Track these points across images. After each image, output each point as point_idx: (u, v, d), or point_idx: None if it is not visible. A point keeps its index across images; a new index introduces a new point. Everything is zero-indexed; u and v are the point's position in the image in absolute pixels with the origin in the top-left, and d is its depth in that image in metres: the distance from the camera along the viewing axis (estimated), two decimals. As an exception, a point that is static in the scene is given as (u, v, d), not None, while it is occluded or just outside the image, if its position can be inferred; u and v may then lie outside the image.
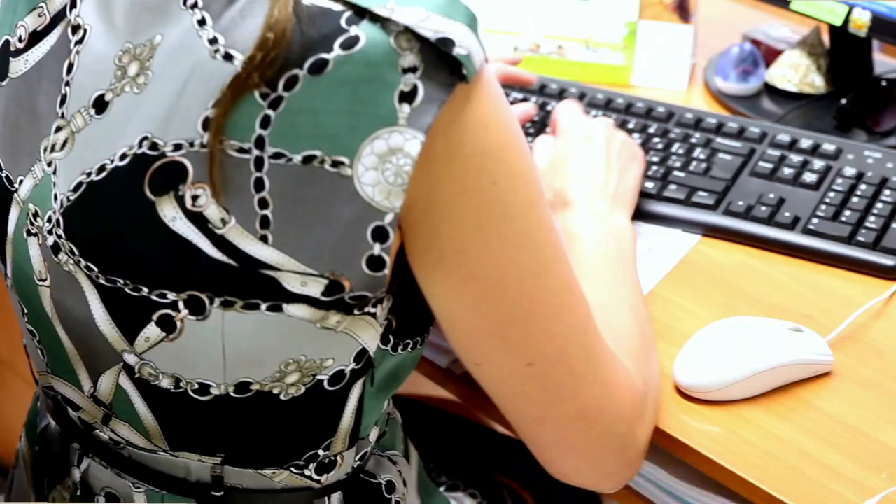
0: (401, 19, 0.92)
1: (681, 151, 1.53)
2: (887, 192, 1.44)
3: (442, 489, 1.36)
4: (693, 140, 1.54)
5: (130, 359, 1.02)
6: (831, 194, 1.45)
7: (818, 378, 1.24)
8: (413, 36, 0.92)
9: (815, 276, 1.39)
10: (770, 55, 1.74)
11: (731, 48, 1.71)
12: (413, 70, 0.92)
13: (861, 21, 1.59)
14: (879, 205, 1.43)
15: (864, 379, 1.24)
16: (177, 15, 0.96)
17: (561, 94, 1.62)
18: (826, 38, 1.70)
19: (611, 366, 1.06)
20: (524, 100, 1.62)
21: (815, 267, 1.40)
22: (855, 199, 1.44)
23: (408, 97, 0.92)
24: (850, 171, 1.47)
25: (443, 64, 0.92)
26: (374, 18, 0.92)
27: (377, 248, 0.95)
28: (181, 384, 1.02)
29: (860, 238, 1.40)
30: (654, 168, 1.50)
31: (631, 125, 1.57)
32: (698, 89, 1.75)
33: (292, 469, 1.07)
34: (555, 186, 1.33)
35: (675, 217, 1.46)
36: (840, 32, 1.63)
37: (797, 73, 1.69)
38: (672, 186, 1.48)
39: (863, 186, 1.45)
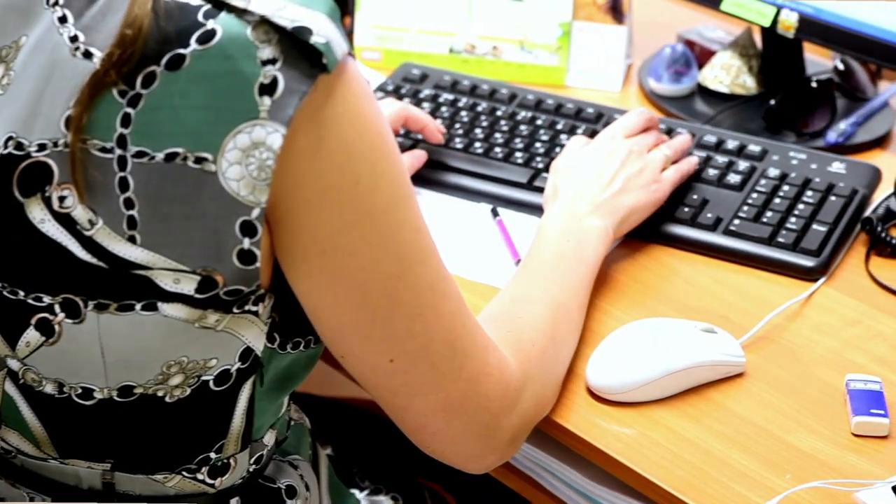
0: (257, 9, 0.91)
1: (608, 152, 1.53)
2: (809, 193, 1.45)
3: (365, 493, 1.36)
4: (620, 141, 1.54)
5: (14, 364, 1.02)
6: (754, 195, 1.45)
7: (731, 379, 1.24)
8: (271, 27, 0.91)
9: (736, 277, 1.39)
10: (704, 56, 1.74)
11: (663, 49, 1.72)
12: (272, 62, 0.91)
13: (789, 22, 1.60)
14: (801, 206, 1.43)
15: (777, 380, 1.25)
16: (40, 15, 0.96)
17: (492, 95, 1.62)
18: (758, 39, 1.71)
19: (480, 360, 1.07)
20: (455, 101, 1.62)
21: (736, 268, 1.40)
22: (777, 201, 1.44)
23: (268, 89, 0.91)
24: (773, 172, 1.48)
25: (303, 55, 0.92)
26: (231, 10, 0.92)
27: (247, 243, 0.95)
28: (64, 389, 1.02)
29: (780, 239, 1.40)
30: (580, 169, 1.50)
31: (560, 126, 1.57)
32: (633, 90, 1.76)
33: (184, 473, 1.07)
34: (557, 182, 1.38)
35: (600, 218, 1.46)
36: (771, 33, 1.64)
37: (729, 74, 1.70)
38: (597, 188, 1.48)
39: (786, 188, 1.46)
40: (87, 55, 0.93)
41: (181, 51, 0.91)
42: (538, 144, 1.55)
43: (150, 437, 1.04)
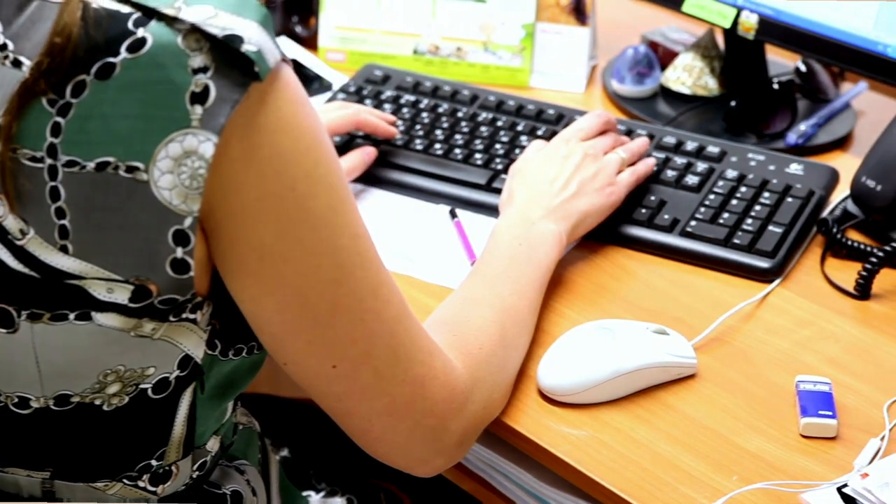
0: (188, 17, 0.91)
1: (567, 154, 1.53)
2: (766, 194, 1.45)
3: (321, 494, 1.36)
4: (580, 142, 1.54)
5: None
6: (711, 197, 1.46)
7: (682, 381, 1.24)
8: (202, 35, 0.91)
9: (692, 278, 1.39)
10: (668, 57, 1.75)
11: (626, 50, 1.72)
12: (204, 70, 0.91)
13: (749, 24, 1.60)
14: (758, 207, 1.44)
15: (728, 382, 1.25)
16: None
17: (453, 96, 1.62)
18: (721, 41, 1.71)
19: (425, 364, 1.07)
20: (416, 102, 1.62)
21: (692, 269, 1.41)
22: (734, 202, 1.44)
23: (200, 98, 0.91)
24: (731, 173, 1.48)
25: (235, 63, 0.92)
26: (162, 19, 0.91)
27: (180, 252, 0.95)
28: (1, 398, 1.02)
29: (736, 241, 1.40)
30: (539, 171, 1.51)
31: (520, 127, 1.57)
32: (597, 91, 1.76)
33: (125, 481, 1.07)
34: (512, 186, 1.38)
35: (557, 220, 1.46)
36: (732, 35, 1.64)
37: (691, 75, 1.70)
38: (555, 189, 1.48)
39: (743, 189, 1.46)
40: (17, 64, 0.93)
41: (111, 59, 0.91)
42: (498, 146, 1.55)
43: (89, 445, 1.04)
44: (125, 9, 0.92)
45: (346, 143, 1.53)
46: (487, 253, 1.29)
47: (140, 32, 0.91)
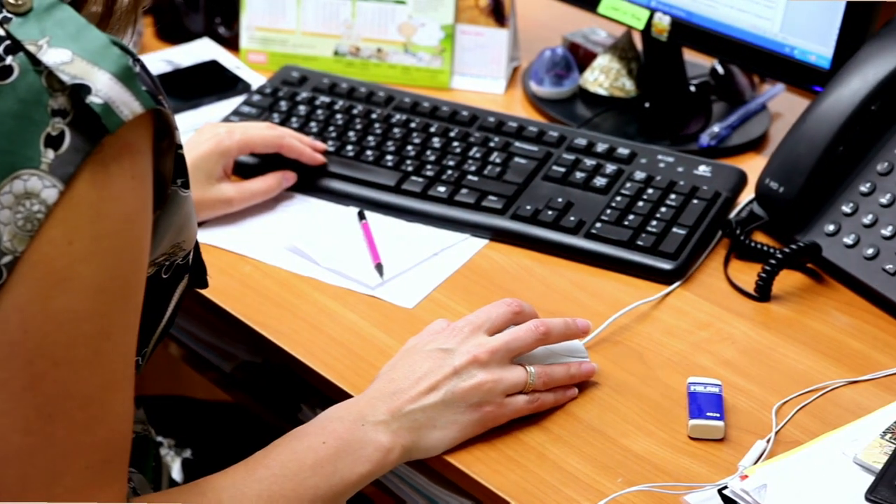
0: (45, 59, 0.90)
1: (478, 156, 1.53)
2: (673, 196, 1.45)
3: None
4: (492, 144, 1.54)
5: None
6: (618, 198, 1.46)
7: (580, 383, 1.24)
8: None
9: (595, 280, 1.39)
10: (588, 59, 1.75)
11: (544, 52, 1.72)
12: (63, 114, 0.90)
13: (662, 25, 1.60)
14: (663, 209, 1.44)
15: (621, 384, 1.25)
16: None
17: (369, 98, 1.62)
18: (640, 42, 1.71)
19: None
20: (331, 104, 1.61)
21: (597, 272, 1.41)
22: (640, 204, 1.45)
23: (54, 142, 0.90)
24: (640, 175, 1.48)
25: (93, 113, 0.90)
26: (28, 54, 0.90)
27: None
28: None
29: (640, 242, 1.40)
30: (449, 173, 1.50)
31: (433, 129, 1.57)
32: (518, 93, 1.76)
33: None
34: (382, 370, 1.20)
35: (465, 221, 1.46)
36: (649, 36, 1.64)
37: (608, 77, 1.70)
38: (464, 191, 1.48)
39: (650, 191, 1.46)
40: None
41: None
42: (410, 148, 1.55)
43: None
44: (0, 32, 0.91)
45: (268, 161, 1.52)
46: (290, 438, 1.12)
47: (8, 60, 0.90)
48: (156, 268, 1.07)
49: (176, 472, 1.43)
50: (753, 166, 1.53)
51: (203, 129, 1.48)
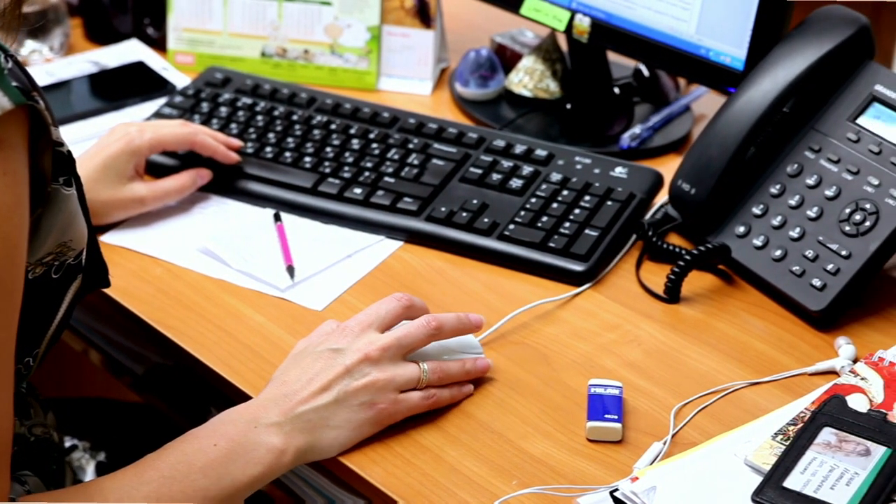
0: None
1: (396, 157, 1.53)
2: (588, 197, 1.45)
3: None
4: (410, 146, 1.54)
5: None
6: (533, 200, 1.46)
7: (479, 386, 1.24)
8: None
9: (507, 282, 1.39)
10: (515, 60, 1.75)
11: (468, 53, 1.72)
12: None
13: (582, 27, 1.60)
14: (577, 210, 1.44)
15: (523, 385, 1.25)
16: None
17: (291, 99, 1.62)
18: (564, 43, 1.71)
19: None
20: (253, 105, 1.61)
21: (510, 273, 1.41)
22: (555, 205, 1.44)
23: None
24: (556, 176, 1.48)
25: None
26: None
27: None
28: None
29: (552, 244, 1.40)
30: (366, 174, 1.50)
31: (353, 130, 1.57)
32: (445, 94, 1.75)
33: None
34: (275, 373, 1.19)
35: (380, 223, 1.46)
36: (571, 38, 1.64)
37: (532, 78, 1.70)
38: (380, 192, 1.48)
39: (565, 192, 1.46)
40: None
41: None
42: (329, 149, 1.54)
43: None
44: None
45: (184, 163, 1.52)
46: (180, 440, 1.11)
47: None
48: (44, 268, 1.06)
49: (90, 475, 1.43)
50: (673, 168, 1.52)
51: (114, 129, 1.47)
